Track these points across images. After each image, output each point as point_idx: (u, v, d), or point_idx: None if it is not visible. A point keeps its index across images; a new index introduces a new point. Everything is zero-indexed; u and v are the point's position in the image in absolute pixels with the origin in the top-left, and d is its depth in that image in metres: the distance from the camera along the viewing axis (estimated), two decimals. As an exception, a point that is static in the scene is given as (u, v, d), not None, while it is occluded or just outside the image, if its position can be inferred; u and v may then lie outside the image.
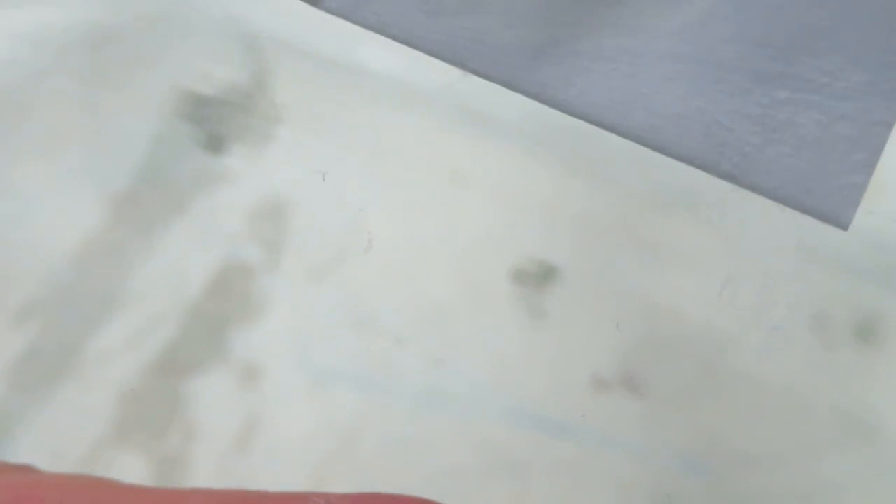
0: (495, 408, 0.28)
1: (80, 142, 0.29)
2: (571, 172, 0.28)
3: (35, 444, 0.28)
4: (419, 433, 0.28)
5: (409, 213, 0.29)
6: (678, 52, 0.27)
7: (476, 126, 0.28)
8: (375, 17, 0.29)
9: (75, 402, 0.28)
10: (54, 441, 0.28)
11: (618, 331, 0.28)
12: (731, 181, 0.26)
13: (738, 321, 0.28)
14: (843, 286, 0.27)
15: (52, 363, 0.28)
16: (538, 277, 0.28)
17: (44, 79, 0.29)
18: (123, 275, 0.29)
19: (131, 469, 0.28)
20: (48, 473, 0.18)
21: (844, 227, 0.26)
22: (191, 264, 0.29)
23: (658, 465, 0.27)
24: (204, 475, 0.28)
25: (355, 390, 0.28)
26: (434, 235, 0.29)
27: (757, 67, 0.26)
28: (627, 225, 0.27)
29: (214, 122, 0.30)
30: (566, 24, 0.27)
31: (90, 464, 0.28)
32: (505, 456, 0.28)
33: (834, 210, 0.26)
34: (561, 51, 0.28)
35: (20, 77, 0.29)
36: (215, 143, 0.29)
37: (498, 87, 0.28)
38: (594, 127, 0.27)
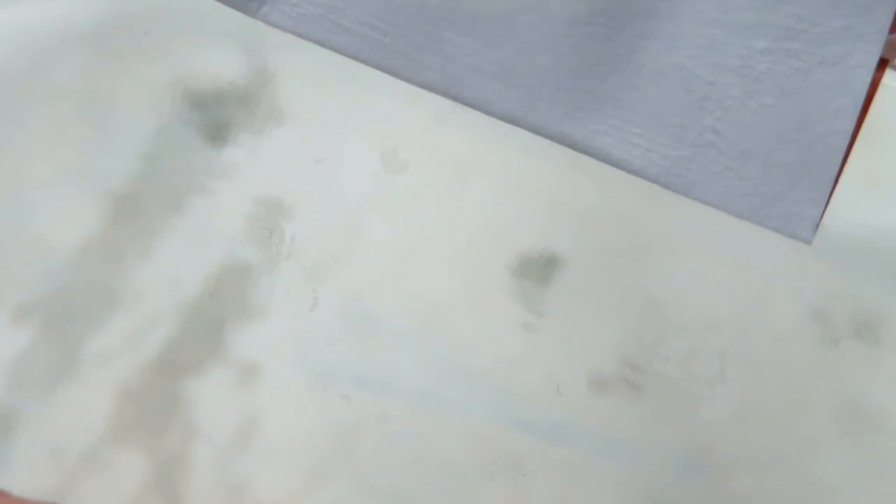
0: (494, 407, 0.28)
1: (80, 138, 0.29)
2: (575, 166, 0.28)
3: (34, 443, 0.28)
4: (417, 433, 0.28)
5: (409, 209, 0.29)
6: (652, 10, 0.27)
7: (478, 119, 0.28)
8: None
9: (74, 401, 0.28)
10: (54, 440, 0.28)
11: (618, 329, 0.28)
12: (715, 135, 0.26)
13: (738, 318, 0.27)
14: (842, 282, 0.27)
15: (51, 362, 0.28)
16: (539, 273, 0.28)
17: (42, 75, 0.29)
18: (122, 274, 0.29)
19: (130, 468, 0.28)
20: (17, 499, 0.18)
21: (832, 177, 0.26)
22: (190, 264, 0.29)
23: (656, 465, 0.27)
24: (203, 474, 0.28)
25: (354, 390, 0.28)
26: (435, 231, 0.28)
27: (734, 18, 0.26)
28: (631, 220, 0.27)
29: (215, 118, 0.29)
30: (539, -11, 0.27)
31: (90, 463, 0.28)
32: (503, 456, 0.27)
33: (820, 158, 0.26)
34: (536, 17, 0.27)
35: (18, 73, 0.29)
36: (215, 140, 0.29)
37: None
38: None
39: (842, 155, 0.26)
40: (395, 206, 0.29)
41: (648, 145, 0.27)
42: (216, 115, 0.29)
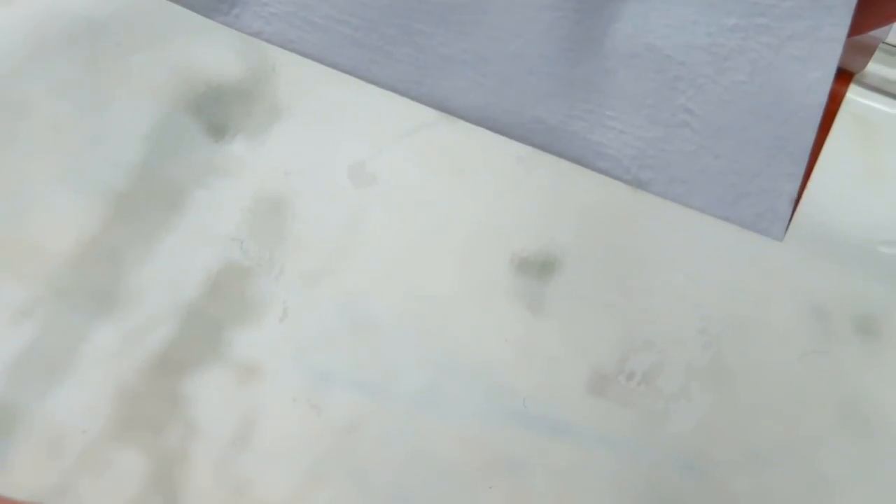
0: (493, 406, 0.28)
1: (79, 137, 0.29)
2: (573, 164, 0.28)
3: (34, 442, 0.29)
4: (416, 432, 0.28)
5: (408, 207, 0.29)
6: (621, -9, 0.26)
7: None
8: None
9: (74, 400, 0.28)
10: (53, 439, 0.28)
11: (616, 330, 0.28)
12: (688, 114, 0.26)
13: (737, 317, 0.27)
14: (842, 280, 0.27)
15: (51, 361, 0.29)
16: (538, 272, 0.28)
17: (42, 73, 0.29)
18: (122, 274, 0.29)
19: (130, 467, 0.28)
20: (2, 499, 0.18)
21: (807, 151, 0.26)
22: (189, 264, 0.29)
23: (655, 464, 0.27)
24: (202, 473, 0.28)
25: (352, 389, 0.28)
26: (433, 229, 0.29)
27: (702, -3, 0.26)
28: (629, 218, 0.27)
29: (214, 115, 0.30)
30: (509, -26, 0.27)
31: (89, 461, 0.28)
32: (502, 455, 0.28)
33: (795, 132, 0.26)
34: (505, 3, 0.27)
35: (17, 71, 0.29)
36: (214, 138, 0.29)
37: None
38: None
39: (816, 129, 0.26)
40: (393, 206, 0.29)
41: (623, 127, 0.27)
42: (215, 116, 0.29)
